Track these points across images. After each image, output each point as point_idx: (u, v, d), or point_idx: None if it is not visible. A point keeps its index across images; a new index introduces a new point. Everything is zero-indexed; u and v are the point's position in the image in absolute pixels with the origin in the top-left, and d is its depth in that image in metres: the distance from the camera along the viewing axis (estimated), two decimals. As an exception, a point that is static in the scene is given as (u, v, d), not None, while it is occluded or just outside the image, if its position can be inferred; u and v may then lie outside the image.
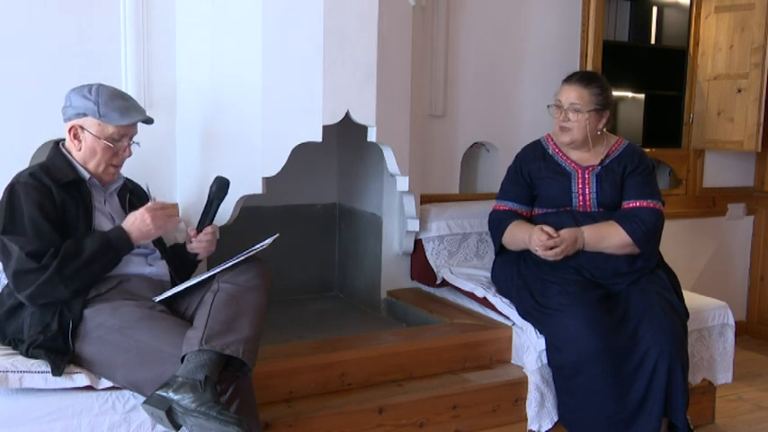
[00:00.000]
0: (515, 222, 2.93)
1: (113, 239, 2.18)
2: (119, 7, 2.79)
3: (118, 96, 2.30)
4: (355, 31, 2.73)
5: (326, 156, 3.61)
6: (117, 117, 2.26)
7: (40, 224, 2.12)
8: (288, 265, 3.51)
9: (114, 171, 2.36)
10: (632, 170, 2.90)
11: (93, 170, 2.31)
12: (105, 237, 2.17)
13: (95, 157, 2.29)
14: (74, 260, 2.09)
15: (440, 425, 2.58)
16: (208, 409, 1.87)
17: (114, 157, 2.32)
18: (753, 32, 3.88)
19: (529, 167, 2.98)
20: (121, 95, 2.33)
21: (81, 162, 2.30)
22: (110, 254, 2.17)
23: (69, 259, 2.09)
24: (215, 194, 2.39)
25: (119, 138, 2.29)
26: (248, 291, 2.16)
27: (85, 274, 2.13)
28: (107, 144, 2.27)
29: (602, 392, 2.61)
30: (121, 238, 2.19)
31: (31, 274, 2.07)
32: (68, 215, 2.20)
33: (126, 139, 2.32)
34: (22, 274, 2.08)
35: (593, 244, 2.79)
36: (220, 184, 2.40)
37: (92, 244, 2.13)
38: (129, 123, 2.29)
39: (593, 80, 2.91)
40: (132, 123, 2.31)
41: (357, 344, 2.69)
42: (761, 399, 3.52)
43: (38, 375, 2.04)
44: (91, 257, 2.12)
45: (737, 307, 4.37)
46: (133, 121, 2.30)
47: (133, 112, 2.31)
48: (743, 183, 4.45)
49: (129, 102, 2.33)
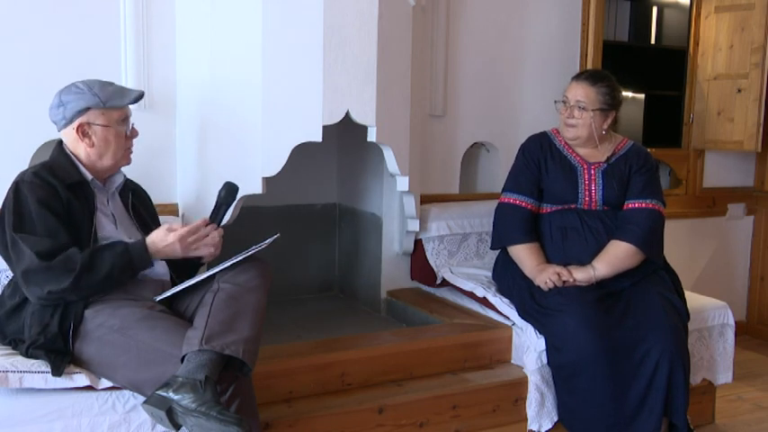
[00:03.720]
0: (529, 246, 2.88)
1: (135, 258, 2.15)
2: (119, 7, 2.80)
3: (106, 83, 2.32)
4: (355, 30, 2.73)
5: (326, 156, 3.61)
6: (119, 99, 2.29)
7: (49, 221, 2.12)
8: (288, 265, 3.51)
9: (129, 154, 2.38)
10: (637, 169, 2.91)
11: (111, 162, 2.31)
12: (127, 256, 2.14)
13: (111, 148, 2.29)
14: (91, 275, 2.08)
15: (440, 425, 2.58)
16: (208, 408, 1.86)
17: (127, 141, 2.35)
18: (753, 32, 3.88)
19: (537, 156, 2.96)
20: (107, 82, 2.34)
21: (95, 158, 2.29)
22: (128, 272, 2.16)
23: (87, 273, 2.07)
24: (223, 199, 2.38)
25: (123, 120, 2.32)
26: (248, 291, 2.15)
27: (101, 288, 2.13)
28: (117, 129, 2.29)
29: (602, 392, 2.61)
30: (144, 259, 2.17)
31: (41, 273, 2.06)
32: (74, 215, 2.19)
33: (128, 120, 2.35)
34: (32, 273, 2.07)
35: (609, 274, 2.78)
36: (229, 189, 2.39)
37: (111, 260, 2.11)
38: (129, 102, 2.32)
39: (602, 79, 2.91)
40: (132, 101, 2.33)
41: (357, 344, 2.69)
42: (761, 399, 3.52)
43: (38, 375, 2.03)
44: (109, 274, 2.11)
45: (737, 307, 4.37)
46: (132, 98, 2.33)
47: (127, 91, 2.34)
48: (743, 183, 4.45)
49: (117, 85, 2.36)
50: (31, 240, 2.08)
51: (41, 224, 2.11)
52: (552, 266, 2.81)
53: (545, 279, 2.78)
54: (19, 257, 2.10)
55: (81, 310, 2.12)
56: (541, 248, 2.90)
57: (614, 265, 2.78)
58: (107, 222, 2.30)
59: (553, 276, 2.77)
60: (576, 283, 2.77)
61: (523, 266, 2.88)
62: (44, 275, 2.06)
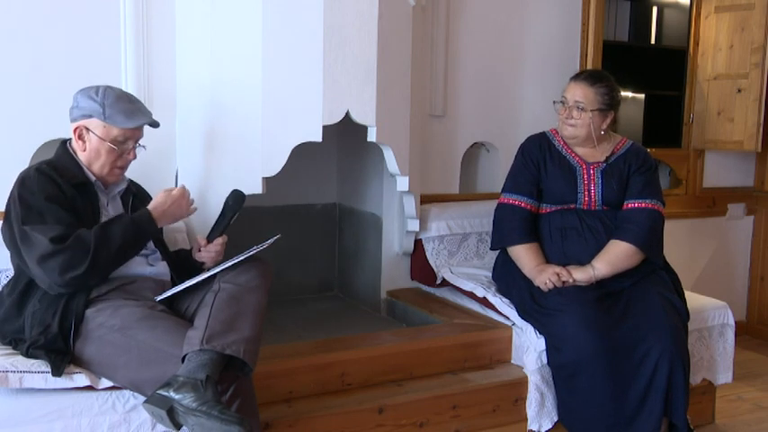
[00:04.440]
0: (529, 246, 2.88)
1: (143, 225, 2.21)
2: (119, 7, 2.80)
3: (124, 99, 2.30)
4: (355, 30, 2.73)
5: (326, 156, 3.61)
6: (122, 120, 2.25)
7: (57, 211, 2.12)
8: (288, 265, 3.51)
9: (119, 173, 2.35)
10: (636, 169, 2.91)
11: (97, 172, 2.31)
12: (134, 225, 2.19)
13: (99, 159, 2.29)
14: (105, 250, 2.10)
15: (440, 425, 2.58)
16: (209, 408, 1.86)
17: (119, 160, 2.31)
18: (753, 32, 3.88)
19: (536, 156, 2.96)
20: (128, 98, 2.32)
21: (86, 163, 2.30)
22: (140, 241, 2.22)
23: (101, 249, 2.09)
24: (230, 207, 2.38)
25: (123, 140, 2.29)
26: (249, 291, 2.16)
27: (116, 262, 2.17)
28: (111, 146, 2.27)
29: (601, 392, 2.61)
30: (151, 224, 2.23)
31: (58, 257, 2.05)
32: (78, 212, 2.19)
33: (131, 141, 2.31)
34: (49, 258, 2.05)
35: (609, 273, 2.78)
36: (236, 197, 2.39)
37: (122, 232, 2.14)
38: (133, 126, 2.28)
39: (601, 80, 2.91)
40: (137, 127, 2.30)
41: (357, 344, 2.69)
42: (761, 399, 3.52)
43: (38, 375, 2.03)
44: (122, 246, 2.14)
45: (737, 307, 4.37)
46: (138, 124, 2.29)
47: (138, 115, 2.30)
48: (743, 183, 4.45)
49: (136, 105, 2.32)
50: (42, 228, 2.08)
51: (50, 215, 2.11)
52: (552, 267, 2.81)
53: (544, 279, 2.78)
54: (31, 247, 2.09)
55: (82, 309, 2.12)
56: (541, 249, 2.90)
57: (614, 265, 2.78)
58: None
59: (552, 277, 2.77)
60: (576, 283, 2.77)
61: (523, 267, 2.88)
62: (61, 259, 2.05)
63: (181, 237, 2.79)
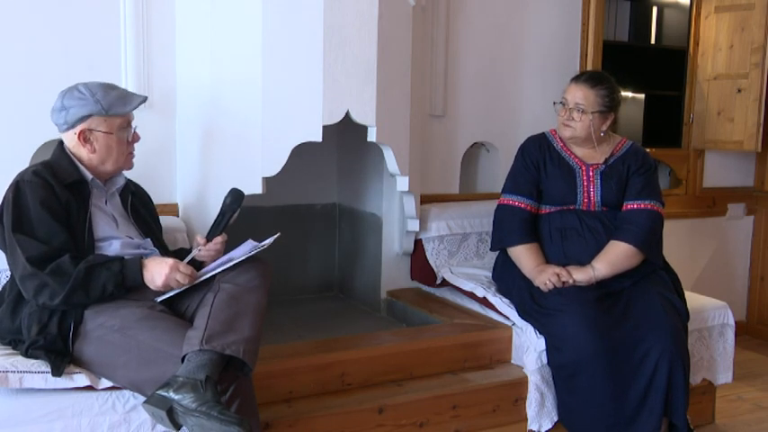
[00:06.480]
0: (528, 247, 2.88)
1: (128, 279, 2.12)
2: (119, 7, 2.80)
3: (109, 87, 2.31)
4: (355, 30, 2.73)
5: (326, 156, 3.61)
6: (121, 107, 2.28)
7: (48, 223, 2.11)
8: (288, 265, 3.51)
9: (132, 157, 2.38)
10: (636, 170, 2.91)
11: (112, 167, 2.32)
12: (121, 276, 2.11)
13: (113, 154, 2.30)
14: (84, 292, 2.07)
15: (440, 425, 2.58)
16: (209, 408, 1.86)
17: (129, 146, 2.35)
18: (753, 32, 3.88)
19: (536, 157, 2.96)
20: (110, 86, 2.33)
21: (97, 164, 2.30)
22: (120, 291, 2.13)
23: (79, 290, 2.06)
24: (228, 206, 2.38)
25: (126, 126, 2.32)
26: (249, 291, 2.15)
27: (93, 302, 2.11)
28: (120, 136, 2.29)
29: (601, 392, 2.61)
30: (137, 280, 2.13)
31: (33, 281, 2.06)
32: (72, 215, 2.19)
33: (130, 126, 2.35)
34: (26, 280, 2.08)
35: (609, 274, 2.78)
36: (235, 196, 2.39)
37: (106, 280, 2.08)
38: (132, 108, 2.32)
39: (601, 81, 2.90)
40: (136, 106, 2.33)
41: (357, 344, 2.69)
42: (761, 399, 3.52)
43: (38, 375, 2.03)
44: (102, 294, 2.09)
45: (737, 307, 4.37)
46: (135, 104, 2.32)
47: (130, 96, 2.33)
48: (743, 183, 4.45)
49: (120, 89, 2.35)
50: (25, 244, 2.08)
51: (40, 226, 2.11)
52: (552, 267, 2.81)
53: (544, 280, 2.78)
54: (15, 261, 2.11)
55: (81, 310, 2.12)
56: (541, 249, 2.90)
57: (614, 266, 2.78)
58: (106, 223, 2.30)
59: (552, 277, 2.77)
60: (576, 283, 2.77)
61: (523, 267, 2.88)
62: (36, 284, 2.06)
63: (181, 237, 2.79)
